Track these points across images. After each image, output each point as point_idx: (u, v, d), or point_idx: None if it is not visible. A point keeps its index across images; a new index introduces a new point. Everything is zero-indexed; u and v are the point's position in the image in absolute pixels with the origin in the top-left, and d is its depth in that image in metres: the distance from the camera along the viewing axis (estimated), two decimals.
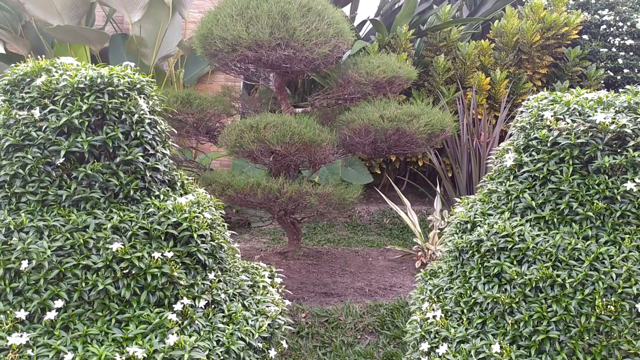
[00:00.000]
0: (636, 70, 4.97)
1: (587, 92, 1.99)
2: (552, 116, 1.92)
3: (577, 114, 1.90)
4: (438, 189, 4.30)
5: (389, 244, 4.51)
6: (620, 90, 2.04)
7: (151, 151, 1.87)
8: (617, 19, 4.99)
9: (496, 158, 2.13)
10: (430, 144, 3.32)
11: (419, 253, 3.84)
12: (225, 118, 3.58)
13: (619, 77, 4.97)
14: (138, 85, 1.90)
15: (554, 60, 5.12)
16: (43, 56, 4.25)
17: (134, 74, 1.91)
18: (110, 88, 1.80)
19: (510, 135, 2.13)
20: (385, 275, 3.72)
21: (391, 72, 3.36)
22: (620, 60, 4.95)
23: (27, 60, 1.89)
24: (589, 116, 1.87)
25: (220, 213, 2.11)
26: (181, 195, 1.99)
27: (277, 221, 3.75)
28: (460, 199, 2.23)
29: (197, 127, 3.39)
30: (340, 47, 3.31)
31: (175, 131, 3.16)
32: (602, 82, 5.00)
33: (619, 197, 1.76)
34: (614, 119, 1.82)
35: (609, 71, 4.99)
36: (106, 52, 4.60)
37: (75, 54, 4.24)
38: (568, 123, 1.87)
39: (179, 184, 2.02)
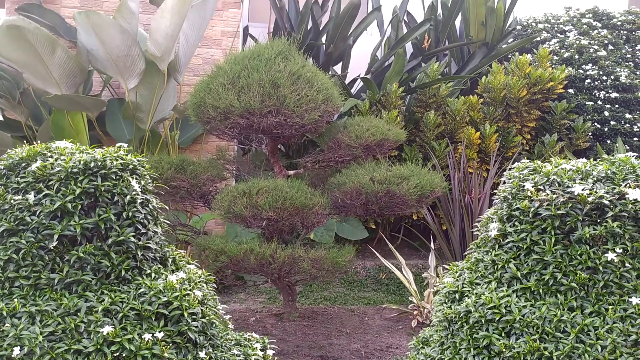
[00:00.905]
0: (622, 122, 5.08)
1: (565, 162, 2.05)
2: (532, 187, 1.97)
3: (557, 184, 1.95)
4: (432, 245, 4.32)
5: (386, 300, 4.50)
6: (599, 159, 2.10)
7: (143, 230, 1.91)
8: (601, 73, 5.14)
9: (481, 226, 2.17)
10: (421, 204, 3.37)
11: (415, 312, 3.83)
12: (219, 182, 3.64)
13: (606, 129, 5.08)
14: (130, 166, 1.95)
15: (541, 113, 5.24)
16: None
17: (126, 155, 1.97)
18: (103, 171, 1.85)
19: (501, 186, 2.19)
20: (381, 335, 3.70)
21: (380, 135, 3.44)
22: (606, 113, 5.06)
23: (23, 141, 1.95)
24: (568, 187, 1.92)
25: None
26: (173, 271, 2.02)
27: (271, 283, 3.77)
28: (450, 265, 2.27)
29: (190, 192, 3.45)
30: (329, 112, 3.40)
31: (167, 207, 3.22)
32: (590, 134, 5.10)
33: (601, 268, 1.80)
34: (592, 190, 1.87)
35: (596, 123, 5.11)
36: (103, 116, 4.70)
37: (72, 120, 4.33)
38: (548, 194, 1.92)
39: (170, 259, 2.05)
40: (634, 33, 5.50)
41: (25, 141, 4.56)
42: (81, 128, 4.36)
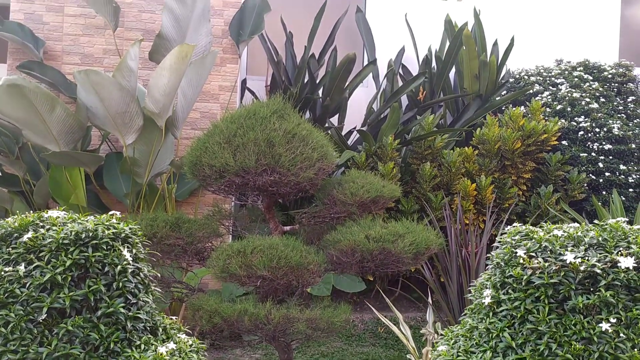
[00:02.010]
0: (617, 173, 5.11)
1: (557, 228, 2.05)
2: (525, 254, 1.97)
3: (549, 251, 1.95)
4: (430, 299, 4.28)
5: (384, 356, 4.42)
6: (591, 224, 2.11)
7: (133, 300, 1.90)
8: (594, 125, 5.20)
9: (475, 291, 2.16)
10: (417, 262, 3.35)
11: None
12: (215, 239, 3.63)
13: (601, 180, 5.10)
14: (122, 235, 1.96)
15: (536, 165, 5.27)
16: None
17: (118, 223, 1.98)
18: (94, 241, 1.86)
19: (498, 242, 2.18)
20: None
21: (375, 192, 3.45)
22: (600, 164, 5.10)
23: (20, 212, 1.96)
24: (560, 254, 1.92)
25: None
26: (163, 341, 1.99)
27: (267, 342, 3.71)
28: (445, 330, 2.24)
29: (186, 250, 3.43)
30: (325, 170, 3.42)
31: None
32: (585, 185, 5.12)
33: (595, 338, 1.78)
34: (584, 258, 1.87)
35: (591, 175, 5.13)
36: (101, 170, 4.73)
37: (70, 175, 4.36)
38: (540, 262, 1.92)
39: (160, 328, 2.03)
40: (624, 85, 5.59)
41: (22, 196, 4.57)
42: (78, 183, 4.38)
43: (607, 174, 5.08)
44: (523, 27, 6.77)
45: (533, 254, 1.96)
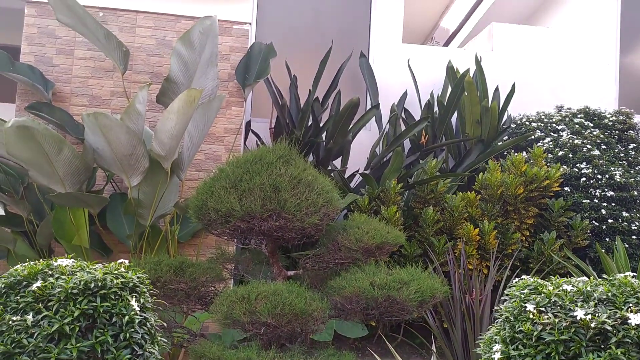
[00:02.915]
0: (620, 220, 5.12)
1: (566, 282, 2.05)
2: (534, 308, 1.96)
3: (559, 307, 1.94)
4: (433, 346, 4.22)
5: None
6: (600, 279, 2.10)
7: (139, 351, 1.88)
8: (596, 172, 5.24)
9: (483, 345, 2.14)
10: (422, 309, 3.32)
11: None
12: (218, 283, 3.61)
13: (604, 227, 5.10)
14: (130, 284, 1.95)
15: (539, 211, 5.28)
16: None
17: (127, 272, 1.97)
18: (103, 291, 1.85)
19: (503, 301, 2.16)
20: None
21: (380, 238, 3.46)
22: (603, 211, 5.11)
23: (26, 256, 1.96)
24: (570, 310, 1.91)
25: None
26: None
27: None
28: None
29: (189, 294, 3.41)
30: (330, 215, 3.43)
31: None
32: (589, 231, 5.12)
33: None
34: (594, 314, 1.86)
35: (594, 221, 5.14)
36: (104, 210, 4.73)
37: (74, 216, 4.36)
38: (550, 317, 1.91)
39: None
40: (625, 133, 5.66)
41: (25, 237, 4.57)
42: (82, 224, 4.39)
43: (610, 220, 5.09)
44: (523, 74, 6.89)
45: (543, 309, 1.96)
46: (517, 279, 2.17)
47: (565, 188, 5.31)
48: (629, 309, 1.89)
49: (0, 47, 4.84)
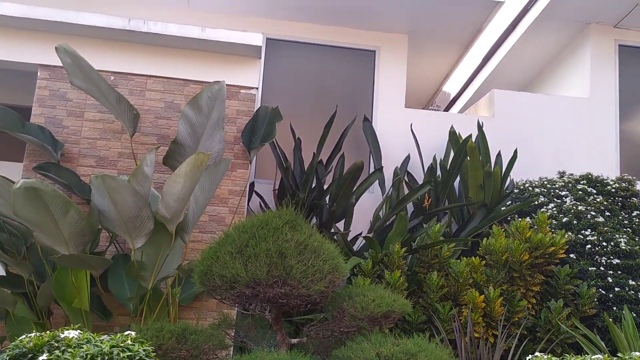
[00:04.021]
0: (627, 288, 5.06)
1: None
2: None
3: None
4: None
5: None
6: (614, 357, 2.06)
7: None
8: (601, 239, 5.22)
9: None
10: None
11: None
12: (220, 351, 3.53)
13: (611, 295, 5.04)
14: (137, 358, 1.91)
15: (545, 278, 5.23)
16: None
17: (133, 345, 1.94)
18: None
19: None
20: None
21: (386, 307, 3.41)
22: (610, 279, 5.06)
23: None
24: None
25: None
26: None
27: None
28: None
29: None
30: (335, 282, 3.40)
31: None
32: (596, 300, 5.05)
33: None
34: None
35: (600, 289, 5.08)
36: (106, 272, 4.69)
37: (76, 278, 4.32)
38: None
39: None
40: (628, 200, 5.68)
41: (25, 298, 4.50)
42: (83, 286, 4.34)
43: (617, 289, 5.03)
44: (525, 139, 6.98)
45: None
46: (530, 356, 2.12)
47: (571, 255, 5.28)
48: None
49: (11, 107, 4.94)
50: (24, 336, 1.90)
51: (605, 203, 5.57)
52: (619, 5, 6.89)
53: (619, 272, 5.12)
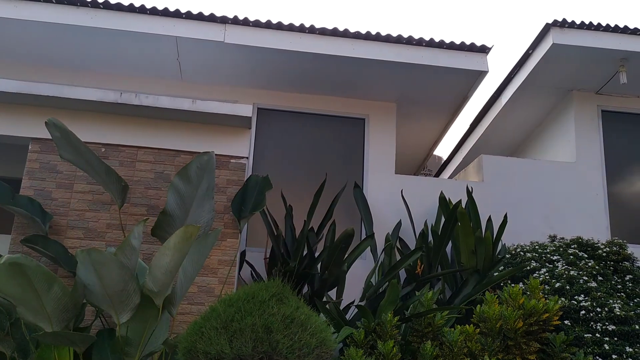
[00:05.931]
0: (624, 355, 4.95)
1: None
2: None
3: None
4: None
5: None
6: None
7: None
8: (595, 304, 5.16)
9: None
10: None
11: None
12: None
13: None
14: None
15: (540, 345, 5.12)
16: None
17: None
18: None
19: None
20: None
21: None
22: (606, 346, 4.96)
23: None
24: None
25: None
26: None
27: None
28: None
29: None
30: (323, 357, 3.32)
31: None
32: None
33: None
34: None
35: (597, 357, 4.97)
36: (91, 347, 4.57)
37: (59, 354, 4.21)
38: None
39: None
40: (620, 264, 5.65)
41: None
42: None
43: (614, 356, 4.92)
44: (514, 204, 7.02)
45: None
46: None
47: (566, 321, 5.20)
48: None
49: (1, 180, 4.97)
50: None
51: (597, 267, 5.54)
52: (599, 73, 7.12)
53: (615, 338, 5.03)
